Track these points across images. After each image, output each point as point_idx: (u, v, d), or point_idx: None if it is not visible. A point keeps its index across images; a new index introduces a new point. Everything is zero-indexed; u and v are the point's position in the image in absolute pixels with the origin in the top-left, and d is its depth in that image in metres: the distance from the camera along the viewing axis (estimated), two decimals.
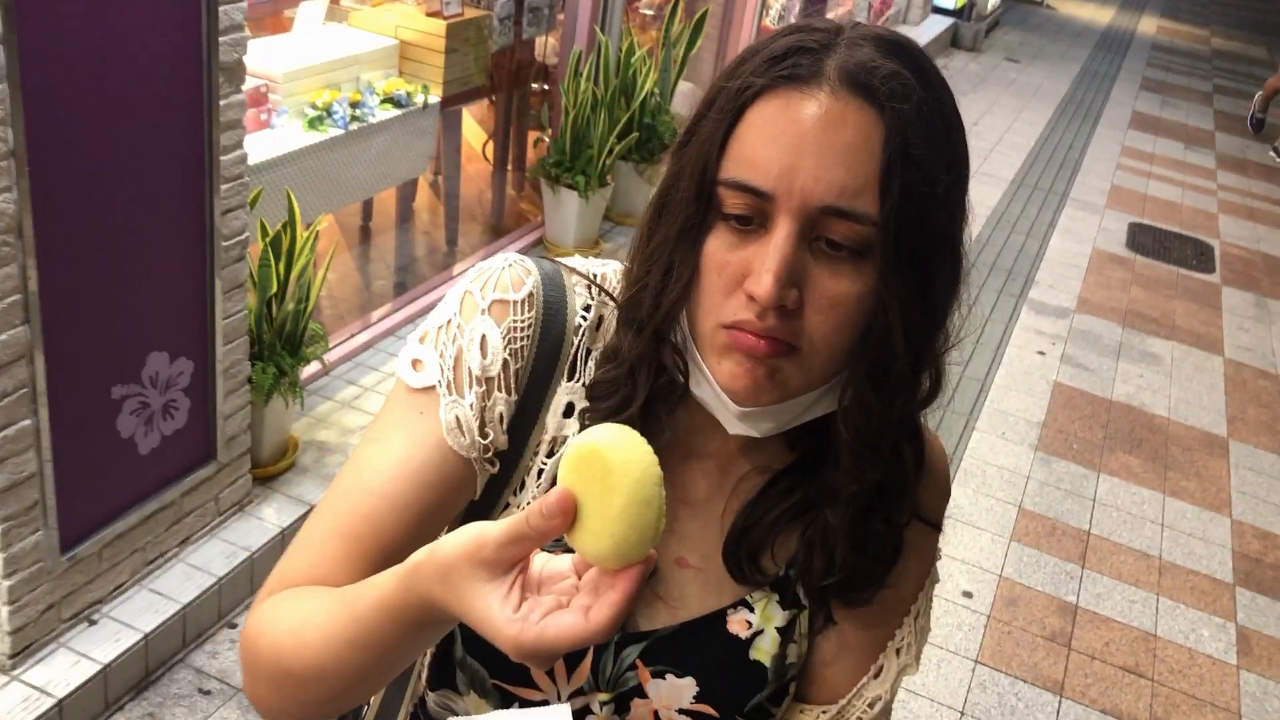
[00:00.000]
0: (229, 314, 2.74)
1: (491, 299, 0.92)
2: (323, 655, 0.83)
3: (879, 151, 0.79)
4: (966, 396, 4.68)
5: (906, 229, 0.81)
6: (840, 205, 0.80)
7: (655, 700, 0.96)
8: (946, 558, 3.64)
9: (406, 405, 0.92)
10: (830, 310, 0.82)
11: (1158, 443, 4.64)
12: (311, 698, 0.86)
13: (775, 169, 0.80)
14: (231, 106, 2.56)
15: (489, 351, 0.91)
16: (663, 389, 0.91)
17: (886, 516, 0.93)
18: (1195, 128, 9.93)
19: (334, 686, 0.85)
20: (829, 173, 0.79)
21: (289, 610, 0.87)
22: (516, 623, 0.71)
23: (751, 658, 0.96)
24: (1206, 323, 5.94)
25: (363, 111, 3.89)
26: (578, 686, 0.96)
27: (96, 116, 2.24)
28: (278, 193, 3.37)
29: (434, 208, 5.32)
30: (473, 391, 0.91)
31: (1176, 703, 3.23)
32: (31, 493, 2.33)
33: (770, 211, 0.81)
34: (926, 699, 3.07)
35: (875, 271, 0.82)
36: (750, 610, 0.96)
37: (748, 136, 0.82)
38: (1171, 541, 3.98)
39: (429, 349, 0.92)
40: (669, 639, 0.96)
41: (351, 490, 0.91)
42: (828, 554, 0.93)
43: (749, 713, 0.96)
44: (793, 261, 0.81)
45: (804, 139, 0.80)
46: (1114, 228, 7.04)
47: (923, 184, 0.81)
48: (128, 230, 2.39)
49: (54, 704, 2.39)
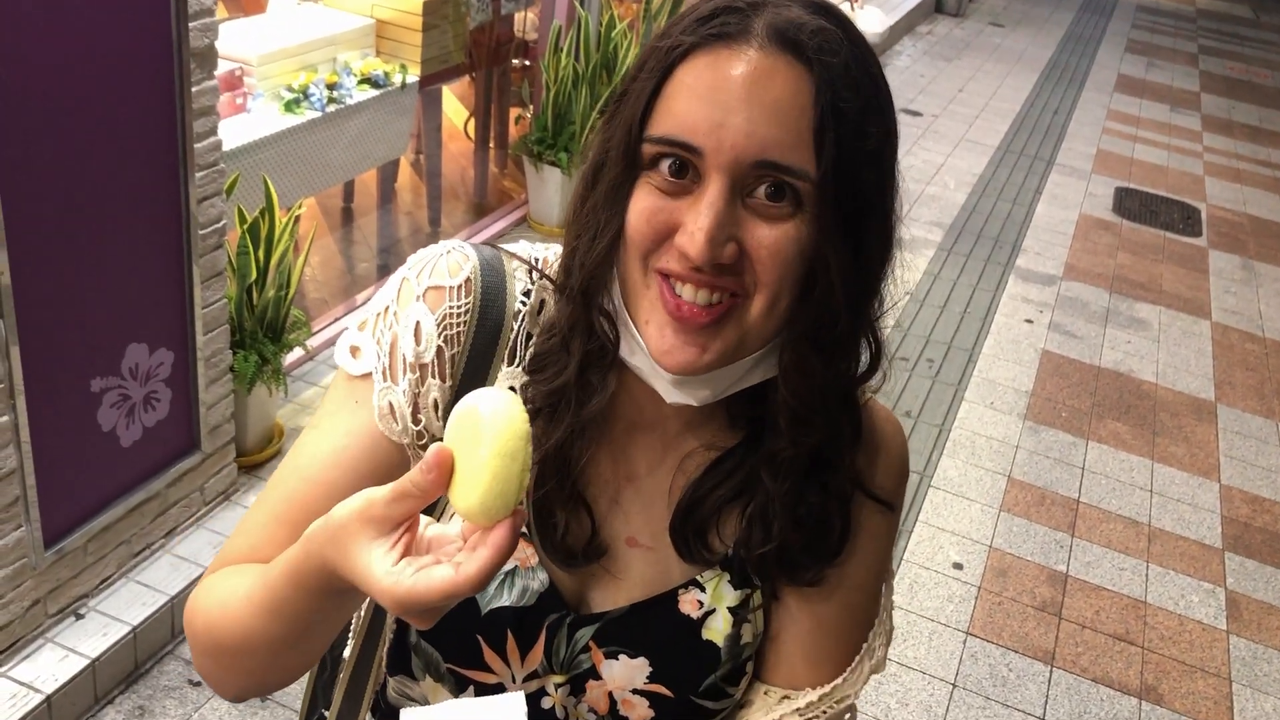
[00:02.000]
0: (208, 303, 2.71)
1: (427, 285, 0.92)
2: (247, 624, 0.86)
3: (810, 107, 0.80)
4: (954, 366, 4.67)
5: (842, 184, 0.81)
6: (775, 159, 0.80)
7: (609, 681, 0.96)
8: (935, 529, 3.65)
9: (344, 393, 0.94)
10: (769, 259, 0.82)
11: (1146, 409, 4.64)
12: (245, 667, 0.90)
13: (705, 125, 0.80)
14: (204, 93, 2.53)
15: (423, 338, 0.92)
16: (594, 354, 0.91)
17: (823, 484, 0.93)
18: (1181, 89, 9.90)
19: (262, 656, 0.88)
20: (760, 128, 0.79)
21: (220, 586, 0.91)
22: (393, 575, 0.72)
23: (704, 638, 0.96)
24: (1193, 287, 5.94)
25: (340, 93, 3.85)
26: (532, 669, 0.96)
27: (64, 106, 2.20)
28: (256, 178, 3.33)
29: (416, 188, 5.28)
30: (406, 378, 0.91)
31: (1167, 669, 3.25)
32: (12, 489, 2.31)
33: (701, 167, 0.81)
34: (918, 671, 3.07)
35: (811, 227, 0.82)
36: (701, 590, 0.96)
37: (677, 94, 0.82)
38: (1160, 508, 3.99)
39: (366, 336, 0.93)
40: (621, 620, 0.96)
41: (289, 477, 0.93)
42: (766, 526, 0.93)
43: (704, 692, 0.96)
44: (726, 217, 0.81)
45: (733, 95, 0.80)
46: (1100, 193, 7.02)
47: (855, 139, 0.81)
48: (101, 221, 2.36)
49: (42, 700, 2.38)
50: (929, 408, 4.33)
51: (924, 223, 6.07)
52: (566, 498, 0.94)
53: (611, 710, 0.97)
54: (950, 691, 3.03)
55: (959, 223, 6.16)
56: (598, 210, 0.87)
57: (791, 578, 0.96)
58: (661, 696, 0.96)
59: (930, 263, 5.60)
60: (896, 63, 9.07)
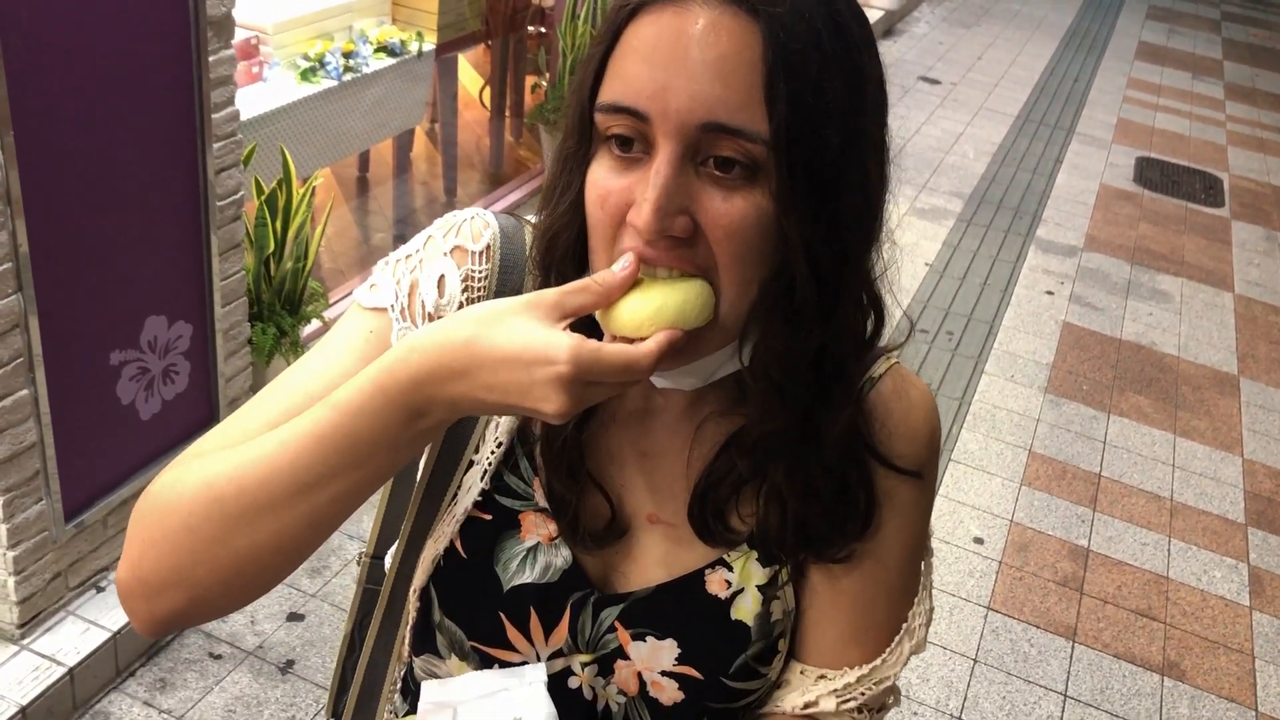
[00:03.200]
0: (226, 275, 2.68)
1: (454, 244, 0.92)
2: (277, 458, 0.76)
3: (759, 62, 0.75)
4: (975, 339, 4.63)
5: (799, 145, 0.75)
6: (722, 121, 0.75)
7: (637, 662, 0.94)
8: (956, 504, 3.62)
9: (358, 322, 0.91)
10: (726, 239, 0.78)
11: (1168, 382, 4.60)
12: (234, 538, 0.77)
13: (648, 88, 0.76)
14: (221, 62, 2.49)
15: (446, 292, 0.90)
16: None
17: (824, 465, 0.89)
18: (1203, 57, 9.77)
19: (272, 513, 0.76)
20: (705, 88, 0.74)
21: (223, 453, 0.80)
22: (573, 335, 0.72)
23: (733, 618, 0.93)
24: (1216, 258, 5.87)
25: (356, 61, 3.81)
26: (556, 648, 0.94)
27: (81, 77, 2.17)
28: (272, 148, 3.30)
29: (432, 157, 5.24)
30: (424, 325, 0.89)
31: (1190, 645, 3.23)
32: (32, 462, 2.30)
33: (649, 135, 0.77)
34: (939, 647, 3.06)
35: (770, 193, 0.77)
36: (729, 569, 0.94)
37: (624, 58, 0.78)
38: (1183, 482, 3.96)
39: (387, 274, 0.92)
40: (647, 600, 0.94)
41: (292, 387, 0.87)
42: (781, 506, 0.90)
43: (735, 673, 0.94)
44: (675, 187, 0.76)
45: (676, 54, 0.75)
46: (1121, 162, 6.94)
47: (812, 95, 0.75)
48: (119, 193, 2.33)
49: (64, 672, 2.38)
50: (949, 381, 4.30)
51: (943, 193, 6.01)
52: (578, 483, 0.92)
53: (641, 692, 0.95)
54: (971, 667, 3.02)
55: (979, 193, 6.10)
56: (557, 185, 0.85)
57: (819, 555, 0.94)
58: (691, 678, 0.94)
59: (950, 233, 5.55)
60: (914, 30, 8.97)
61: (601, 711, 0.97)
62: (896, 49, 8.37)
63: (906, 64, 8.06)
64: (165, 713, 2.47)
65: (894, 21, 8.79)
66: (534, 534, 0.94)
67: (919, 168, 6.26)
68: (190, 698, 2.51)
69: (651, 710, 0.96)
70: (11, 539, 2.31)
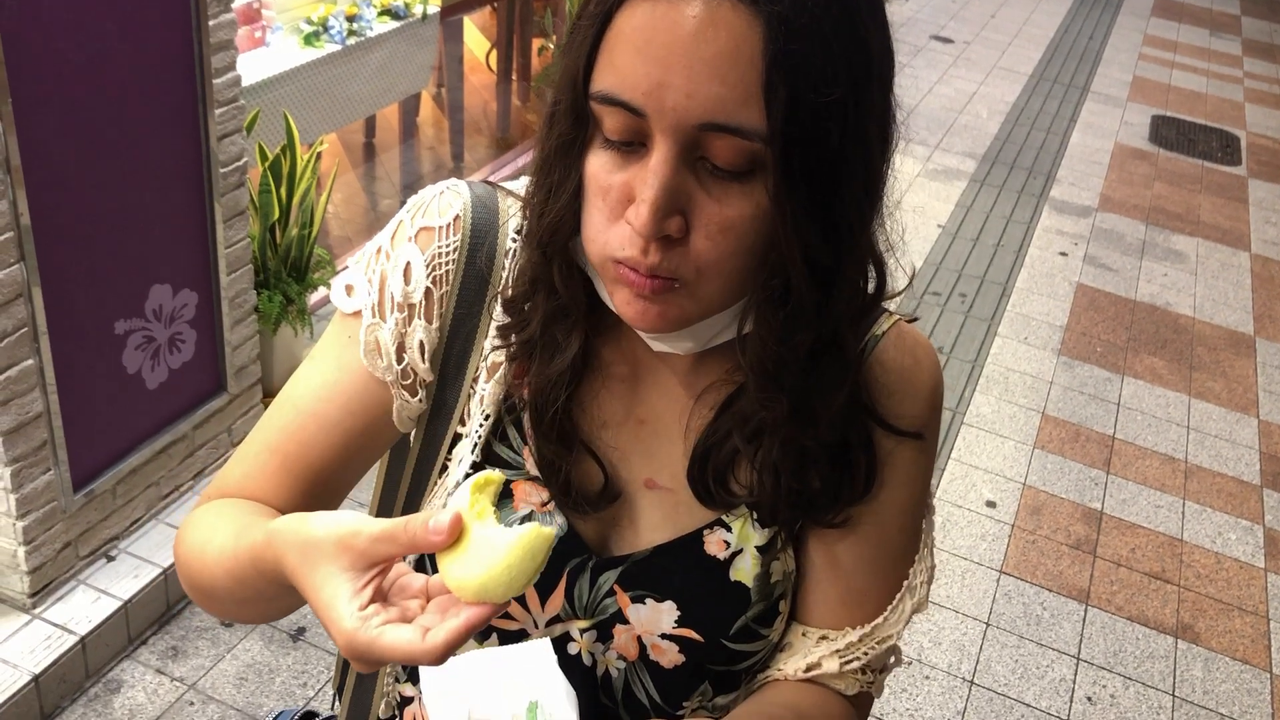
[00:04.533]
0: (231, 243, 2.66)
1: (420, 226, 0.92)
2: (214, 574, 0.88)
3: (758, 58, 0.71)
4: (988, 301, 4.59)
5: (799, 144, 0.73)
6: (720, 121, 0.72)
7: (636, 626, 0.93)
8: (968, 467, 3.60)
9: (339, 329, 0.94)
10: (720, 236, 0.76)
11: (1183, 343, 4.56)
12: (215, 607, 0.94)
13: (644, 84, 0.73)
14: (221, 26, 2.46)
15: (412, 279, 0.91)
16: (557, 312, 0.88)
17: (816, 436, 0.87)
18: (1220, 12, 9.62)
19: (225, 604, 0.91)
20: (703, 86, 0.71)
21: (205, 524, 0.91)
22: (358, 620, 0.70)
23: (732, 579, 0.92)
24: (1233, 217, 5.80)
25: (360, 25, 3.76)
26: (554, 614, 0.94)
27: (79, 43, 2.14)
28: (276, 114, 3.27)
29: (438, 122, 5.20)
30: (393, 316, 0.91)
31: (1204, 608, 3.21)
32: (40, 432, 2.29)
33: (645, 130, 0.75)
34: (951, 610, 3.05)
35: (766, 191, 0.74)
36: (727, 530, 0.93)
37: (615, 46, 0.75)
38: (1197, 444, 3.93)
39: (359, 274, 0.93)
40: (644, 563, 0.93)
41: (285, 407, 0.94)
42: (775, 479, 0.89)
43: (735, 635, 0.93)
44: (673, 186, 0.74)
45: (672, 49, 0.71)
46: (1136, 121, 6.85)
47: (814, 92, 0.72)
48: (120, 161, 2.31)
49: (76, 641, 2.39)
50: (961, 343, 4.26)
51: (956, 153, 5.94)
52: (570, 451, 0.91)
53: (641, 656, 0.94)
54: (984, 630, 3.01)
55: (992, 153, 6.03)
56: (549, 166, 0.82)
57: (817, 520, 0.93)
58: (692, 641, 0.93)
59: (963, 194, 5.49)
60: None
61: (602, 677, 0.96)
62: (909, 8, 8.26)
63: (919, 23, 7.95)
64: (177, 680, 2.48)
65: None
66: (527, 502, 0.93)
67: (931, 128, 6.20)
68: (202, 665, 2.52)
69: (652, 674, 0.95)
70: (21, 509, 2.31)
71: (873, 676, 0.99)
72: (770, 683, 0.97)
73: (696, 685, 0.95)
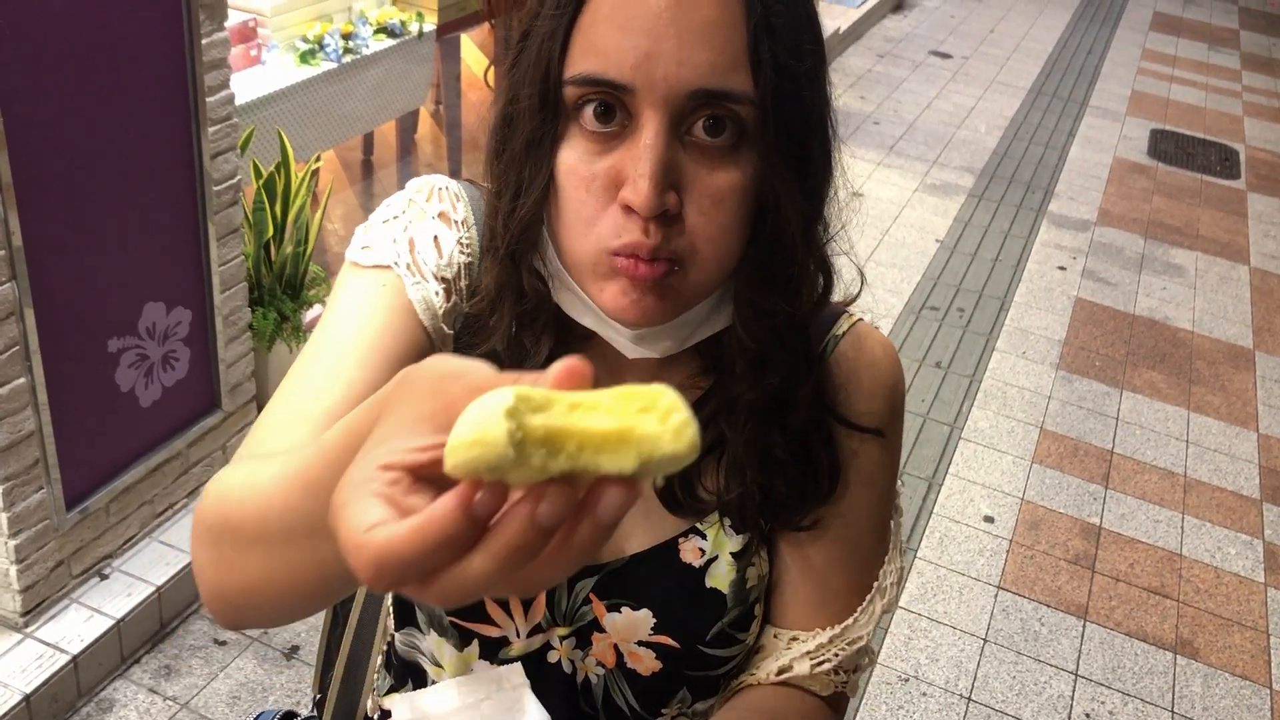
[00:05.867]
0: (225, 260, 2.67)
1: (438, 209, 0.91)
2: (269, 499, 0.67)
3: (741, 24, 0.74)
4: (986, 315, 4.59)
5: (783, 106, 0.76)
6: (712, 86, 0.73)
7: (613, 634, 0.94)
8: (966, 482, 3.59)
9: (364, 280, 0.87)
10: (713, 209, 0.77)
11: (1182, 357, 4.55)
12: (249, 562, 0.70)
13: (630, 58, 0.73)
14: (214, 45, 2.46)
15: (444, 253, 0.89)
16: (527, 315, 0.87)
17: (782, 425, 0.88)
18: (1219, 27, 9.63)
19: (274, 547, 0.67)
20: (693, 54, 0.73)
21: (244, 467, 0.74)
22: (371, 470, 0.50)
23: (708, 585, 0.93)
24: (1232, 231, 5.80)
25: (356, 43, 3.77)
26: (535, 623, 0.94)
27: (71, 62, 2.15)
28: (271, 132, 3.27)
29: (436, 138, 5.21)
30: (434, 285, 0.88)
31: (1203, 623, 3.19)
32: (32, 450, 2.29)
33: (632, 107, 0.75)
34: (949, 626, 3.03)
35: (754, 158, 0.77)
36: (702, 537, 0.93)
37: (594, 27, 0.75)
38: (1197, 458, 3.92)
39: (377, 235, 0.89)
40: (620, 571, 0.93)
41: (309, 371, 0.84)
42: (740, 475, 0.89)
43: (711, 640, 0.93)
44: (668, 159, 0.74)
45: (659, 20, 0.73)
46: (1135, 135, 6.85)
47: (791, 57, 0.76)
48: (113, 180, 2.32)
49: (69, 660, 2.38)
50: (959, 358, 4.26)
51: (954, 168, 5.94)
52: None
53: (619, 663, 0.95)
54: (981, 646, 2.99)
55: (990, 167, 6.03)
56: (518, 165, 0.81)
57: (783, 523, 0.93)
58: (668, 648, 0.93)
59: (961, 209, 5.49)
60: (926, 3, 8.87)
61: (581, 685, 0.96)
62: (907, 23, 8.28)
63: (917, 38, 7.97)
64: (170, 699, 2.47)
65: None
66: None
67: (930, 143, 6.20)
68: (195, 684, 2.51)
69: (630, 682, 0.95)
70: (13, 527, 2.31)
71: (846, 677, 0.99)
72: (745, 688, 0.97)
73: (675, 691, 0.95)
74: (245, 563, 0.71)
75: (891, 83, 7.01)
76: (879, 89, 6.88)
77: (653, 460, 0.46)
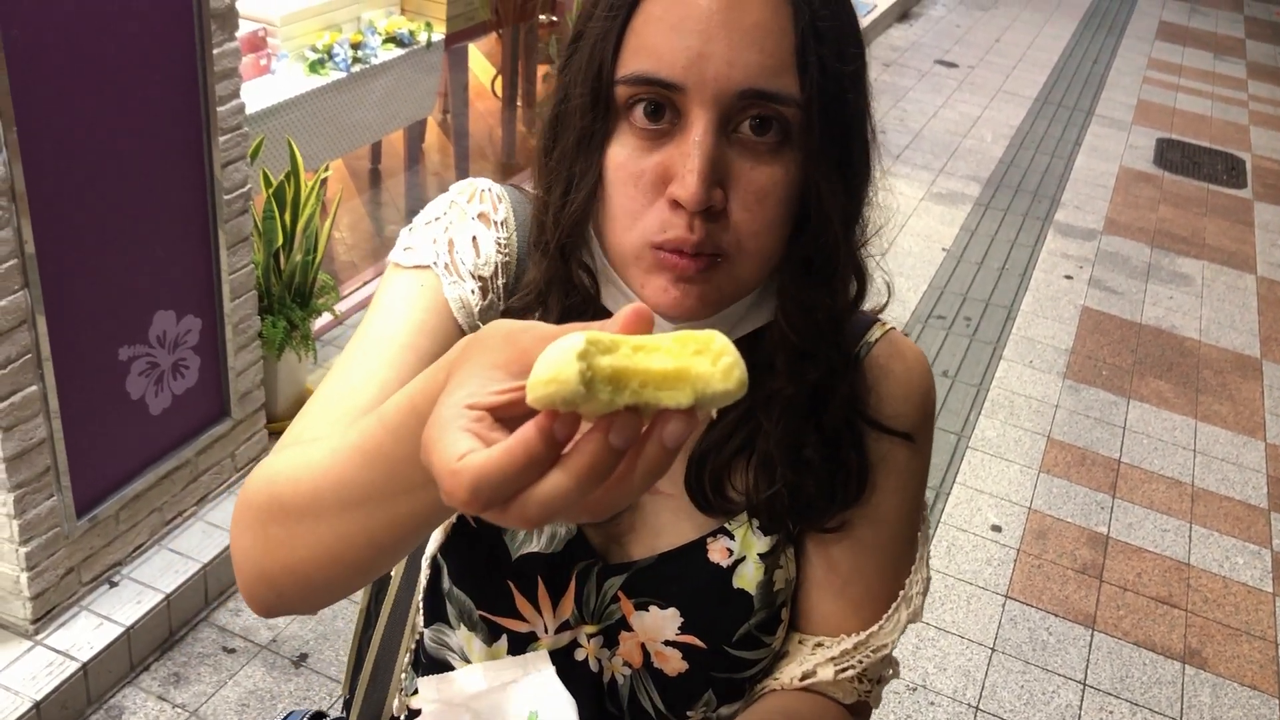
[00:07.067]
0: (235, 269, 2.68)
1: (478, 210, 0.93)
2: (325, 473, 0.70)
3: (790, 28, 0.77)
4: (992, 325, 4.59)
5: (828, 108, 0.78)
6: (761, 87, 0.76)
7: (640, 633, 0.94)
8: (974, 491, 3.59)
9: (405, 280, 0.90)
10: (757, 205, 0.79)
11: (1189, 366, 4.54)
12: (300, 538, 0.73)
13: (682, 58, 0.76)
14: (225, 55, 2.48)
15: (482, 253, 0.91)
16: (574, 309, 0.88)
17: (817, 423, 0.90)
18: (1225, 36, 9.63)
19: (328, 520, 0.70)
20: (743, 54, 0.76)
21: (298, 448, 0.76)
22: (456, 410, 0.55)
23: (735, 586, 0.93)
24: (1238, 240, 5.79)
25: (365, 53, 3.79)
26: (564, 619, 0.95)
27: (83, 72, 2.16)
28: (281, 141, 3.29)
29: (444, 148, 5.22)
30: (471, 284, 0.90)
31: (1211, 633, 3.19)
32: (43, 458, 2.30)
33: (682, 105, 0.77)
34: (956, 635, 3.03)
35: (798, 157, 0.79)
36: (730, 538, 0.94)
37: (646, 29, 0.78)
38: (1204, 468, 3.91)
39: (419, 237, 0.92)
40: (649, 570, 0.94)
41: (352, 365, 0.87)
42: (770, 473, 0.90)
43: (738, 642, 0.94)
44: (715, 156, 0.77)
45: (710, 22, 0.76)
46: (1141, 144, 6.86)
47: (836, 60, 0.79)
48: (124, 189, 2.33)
49: (78, 667, 2.39)
50: (966, 367, 4.26)
51: (960, 176, 5.95)
52: None
53: (645, 663, 0.95)
54: (989, 656, 2.99)
55: (996, 176, 6.03)
56: (569, 162, 0.83)
57: (811, 524, 0.94)
58: (695, 648, 0.94)
59: (967, 218, 5.50)
60: (931, 12, 8.88)
61: (608, 684, 0.97)
62: (913, 32, 8.29)
63: (923, 47, 7.98)
64: (179, 707, 2.47)
65: (910, 4, 8.71)
66: None
67: (936, 152, 6.21)
68: (204, 692, 2.51)
69: (657, 681, 0.95)
70: (23, 535, 2.31)
71: (870, 686, 0.99)
72: (768, 693, 0.97)
73: (701, 693, 0.96)
74: (294, 540, 0.73)
75: (897, 92, 7.02)
76: (885, 98, 6.89)
77: (705, 395, 0.52)
